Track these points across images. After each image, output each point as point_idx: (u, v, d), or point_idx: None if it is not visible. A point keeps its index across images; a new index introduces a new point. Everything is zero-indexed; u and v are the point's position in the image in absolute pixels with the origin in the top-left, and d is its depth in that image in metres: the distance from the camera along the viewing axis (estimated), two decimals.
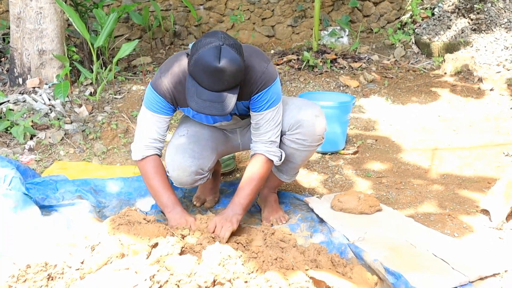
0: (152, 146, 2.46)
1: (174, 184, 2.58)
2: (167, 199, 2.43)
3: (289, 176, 2.75)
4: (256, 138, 2.48)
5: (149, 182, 2.47)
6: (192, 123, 2.64)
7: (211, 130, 2.66)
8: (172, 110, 2.47)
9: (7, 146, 3.60)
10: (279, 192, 2.97)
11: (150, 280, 1.73)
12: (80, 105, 4.13)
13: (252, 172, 2.44)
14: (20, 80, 4.36)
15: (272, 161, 2.48)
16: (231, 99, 2.15)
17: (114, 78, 4.59)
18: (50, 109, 4.01)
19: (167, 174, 2.54)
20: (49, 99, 4.14)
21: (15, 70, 4.36)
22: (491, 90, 4.88)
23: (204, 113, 2.15)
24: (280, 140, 2.55)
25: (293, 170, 2.71)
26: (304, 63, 5.43)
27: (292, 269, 1.90)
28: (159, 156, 2.50)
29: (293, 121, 2.49)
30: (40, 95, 4.18)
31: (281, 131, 2.52)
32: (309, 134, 2.50)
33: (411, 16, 6.41)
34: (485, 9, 5.82)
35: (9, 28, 4.57)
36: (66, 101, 4.13)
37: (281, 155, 2.51)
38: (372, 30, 6.71)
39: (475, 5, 5.87)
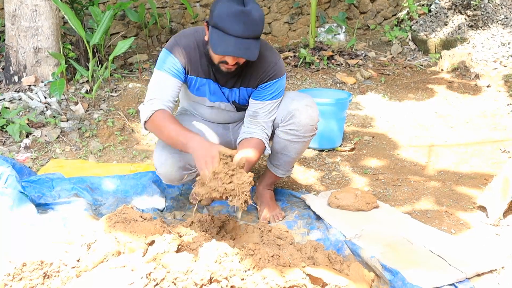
0: (161, 105, 2.35)
1: (163, 181, 2.59)
2: (183, 137, 2.24)
3: (284, 171, 2.75)
4: (252, 125, 2.50)
5: (163, 131, 2.33)
6: (182, 119, 2.64)
7: (203, 126, 2.67)
8: (183, 76, 2.44)
9: (3, 144, 3.59)
10: (276, 189, 2.97)
11: (147, 278, 1.73)
12: (76, 103, 4.11)
13: (253, 148, 2.43)
14: (16, 78, 4.34)
15: (264, 148, 2.52)
16: (255, 49, 2.18)
17: (110, 75, 4.57)
18: (46, 107, 4.00)
19: (156, 171, 2.54)
20: (45, 97, 4.13)
21: (11, 68, 4.34)
22: (488, 86, 4.88)
23: (231, 53, 2.15)
24: (274, 133, 2.58)
25: (288, 165, 2.72)
26: (301, 60, 5.42)
27: (289, 266, 1.90)
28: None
29: (285, 112, 2.52)
30: (36, 93, 4.16)
31: (275, 124, 2.56)
32: (302, 124, 2.51)
33: (407, 13, 6.41)
34: (482, 6, 5.82)
35: (4, 26, 4.54)
36: (62, 99, 4.12)
37: (269, 149, 2.57)
38: (368, 27, 6.71)
39: (471, 2, 5.87)
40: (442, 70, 5.37)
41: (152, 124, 2.36)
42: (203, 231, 2.25)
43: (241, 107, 2.58)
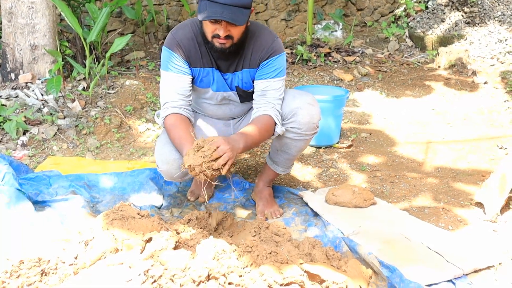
0: (172, 109, 2.43)
1: (164, 178, 2.58)
2: (180, 147, 2.31)
3: (284, 168, 2.75)
4: (262, 103, 2.46)
5: (170, 137, 2.41)
6: None
7: (203, 123, 2.66)
8: (189, 70, 2.46)
9: (0, 141, 3.58)
10: (274, 186, 2.96)
11: (144, 275, 1.72)
12: (73, 100, 4.10)
13: (261, 125, 2.38)
14: (13, 75, 4.33)
15: (275, 126, 2.46)
16: (243, 15, 2.19)
17: (107, 73, 4.56)
18: (43, 104, 3.99)
19: (157, 169, 2.53)
20: (42, 94, 4.12)
21: (7, 65, 4.33)
22: (485, 83, 4.88)
23: (217, 16, 2.16)
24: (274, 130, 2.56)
25: (288, 162, 2.71)
26: (298, 57, 5.42)
27: (287, 263, 1.90)
28: (183, 115, 2.44)
29: (287, 110, 2.50)
30: (33, 90, 4.15)
31: None
32: (304, 122, 2.50)
33: (404, 10, 6.41)
34: (479, 2, 5.82)
35: (0, 23, 4.53)
36: (59, 96, 4.11)
37: (282, 128, 2.50)
38: (366, 23, 6.71)
39: None
40: (439, 67, 5.37)
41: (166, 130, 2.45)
42: (200, 228, 2.25)
43: (245, 93, 2.56)
